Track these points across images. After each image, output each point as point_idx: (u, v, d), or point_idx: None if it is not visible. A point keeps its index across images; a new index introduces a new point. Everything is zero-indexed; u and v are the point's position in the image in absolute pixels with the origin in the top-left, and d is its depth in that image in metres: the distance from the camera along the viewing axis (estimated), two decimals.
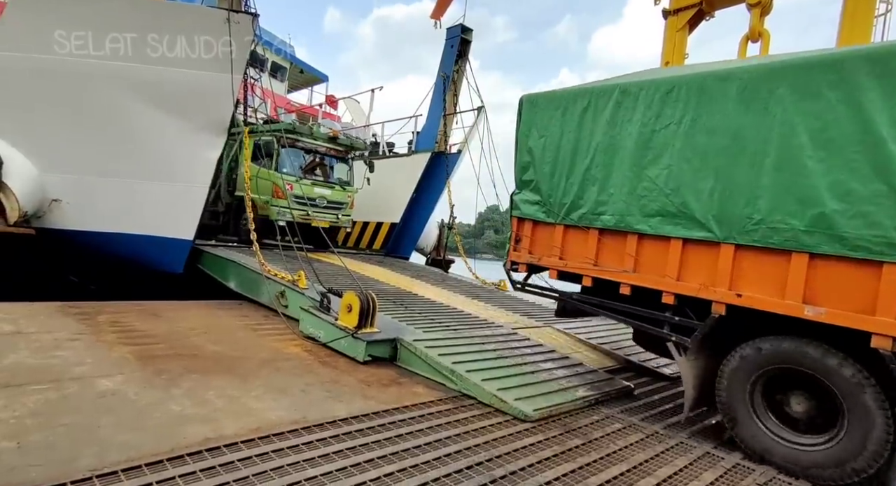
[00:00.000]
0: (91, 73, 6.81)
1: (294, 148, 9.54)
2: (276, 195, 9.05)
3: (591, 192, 4.39)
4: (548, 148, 4.84)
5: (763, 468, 3.37)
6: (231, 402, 3.39)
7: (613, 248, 4.24)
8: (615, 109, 4.30)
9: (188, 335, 4.86)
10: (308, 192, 9.41)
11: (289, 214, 8.66)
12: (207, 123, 7.25)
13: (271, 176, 9.12)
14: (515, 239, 5.07)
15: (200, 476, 2.43)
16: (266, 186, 9.06)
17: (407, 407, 3.74)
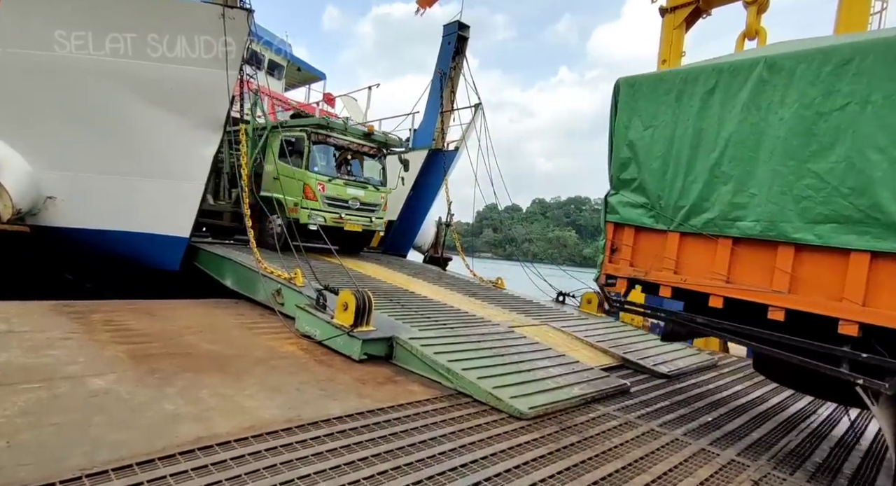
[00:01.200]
0: (85, 70, 6.76)
1: (325, 144, 8.86)
2: (306, 196, 8.45)
3: (722, 192, 3.61)
4: (657, 141, 4.08)
5: (757, 465, 3.37)
6: (225, 401, 3.37)
7: (756, 261, 3.43)
8: (758, 89, 3.45)
9: (183, 334, 4.83)
10: (340, 193, 8.82)
11: (320, 216, 8.41)
12: (203, 119, 7.20)
13: (301, 175, 8.51)
14: (611, 248, 4.39)
15: (192, 475, 2.41)
16: (295, 187, 8.48)
17: (402, 405, 3.73)
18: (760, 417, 4.51)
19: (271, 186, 8.82)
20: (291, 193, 8.43)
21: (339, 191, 8.81)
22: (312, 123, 8.94)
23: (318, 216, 8.43)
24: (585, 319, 7.64)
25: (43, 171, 7.20)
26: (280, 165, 8.62)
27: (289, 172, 8.54)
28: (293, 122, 9.16)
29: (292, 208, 8.42)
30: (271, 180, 8.83)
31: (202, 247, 7.98)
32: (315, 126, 8.83)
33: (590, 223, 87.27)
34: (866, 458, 3.79)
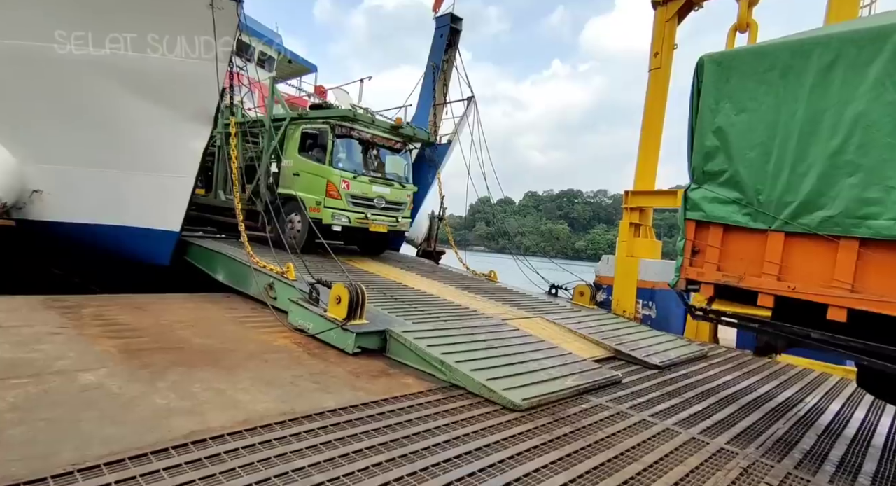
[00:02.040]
0: (71, 61, 6.62)
1: (348, 138, 8.16)
2: (329, 194, 7.82)
3: (847, 185, 3.08)
4: (754, 126, 3.57)
5: (746, 452, 3.43)
6: (218, 395, 3.35)
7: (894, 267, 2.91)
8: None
9: (174, 328, 4.79)
10: (366, 190, 8.18)
11: (344, 216, 7.85)
12: (192, 112, 7.10)
13: (324, 172, 7.90)
14: (692, 250, 3.89)
15: (186, 469, 2.40)
16: (317, 184, 7.90)
17: (396, 398, 3.74)
18: (749, 406, 4.58)
19: (291, 183, 8.30)
20: (313, 190, 7.91)
21: (364, 189, 8.15)
22: (336, 115, 8.25)
23: (342, 216, 7.82)
24: (578, 311, 7.70)
25: (28, 164, 7.07)
26: (300, 160, 8.14)
27: (310, 168, 8.03)
28: (315, 113, 8.51)
29: (314, 207, 7.83)
30: (290, 176, 8.32)
31: (193, 241, 7.91)
32: (339, 118, 8.17)
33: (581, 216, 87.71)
34: (852, 445, 3.87)
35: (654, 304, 8.84)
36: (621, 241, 9.47)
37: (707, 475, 3.03)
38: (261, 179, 8.51)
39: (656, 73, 9.21)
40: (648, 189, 9.29)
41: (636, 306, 8.90)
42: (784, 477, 3.13)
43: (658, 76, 9.21)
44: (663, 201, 9.26)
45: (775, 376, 5.91)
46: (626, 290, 8.92)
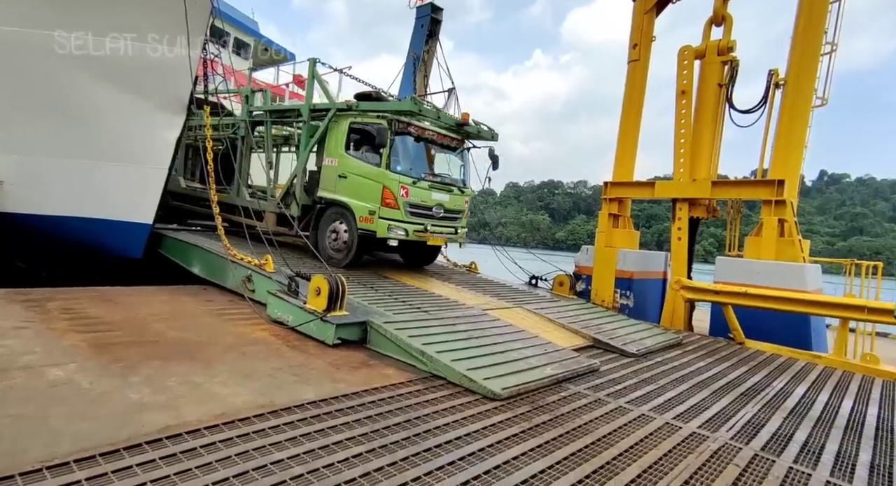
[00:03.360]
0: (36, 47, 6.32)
1: (405, 135, 6.89)
2: (385, 203, 6.64)
3: None
4: None
5: (716, 436, 3.54)
6: (194, 388, 3.29)
7: None
8: None
9: (148, 322, 4.68)
10: (425, 198, 6.98)
11: (402, 229, 6.67)
12: (164, 101, 6.89)
13: (379, 176, 6.70)
14: None
15: (160, 464, 2.36)
16: (370, 190, 6.72)
17: (377, 389, 3.74)
18: (720, 391, 4.73)
19: (334, 186, 7.09)
20: (364, 196, 6.76)
21: (423, 196, 6.95)
22: (397, 109, 6.95)
23: (399, 229, 6.63)
24: (557, 301, 7.80)
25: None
26: (348, 159, 6.96)
27: (361, 171, 6.86)
28: (368, 105, 7.16)
29: (366, 217, 6.67)
30: (334, 179, 7.09)
31: (167, 234, 7.71)
32: (396, 112, 6.91)
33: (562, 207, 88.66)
34: (816, 426, 4.04)
35: (632, 293, 9.03)
36: (600, 231, 9.62)
37: (679, 458, 3.13)
38: (297, 178, 7.54)
39: (635, 64, 9.31)
40: (627, 180, 9.43)
41: (614, 295, 9.07)
42: (751, 458, 3.24)
43: (637, 68, 9.31)
44: (641, 192, 9.42)
45: (745, 361, 6.11)
46: (605, 280, 9.07)
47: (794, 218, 7.77)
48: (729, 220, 10.34)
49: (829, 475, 3.15)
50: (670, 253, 9.02)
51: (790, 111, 7.83)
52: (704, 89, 8.63)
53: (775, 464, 3.21)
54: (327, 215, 7.26)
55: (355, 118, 7.12)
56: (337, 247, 7.09)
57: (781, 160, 7.92)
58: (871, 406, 4.78)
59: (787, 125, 7.85)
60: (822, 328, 8.03)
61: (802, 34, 7.69)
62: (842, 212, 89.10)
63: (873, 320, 6.43)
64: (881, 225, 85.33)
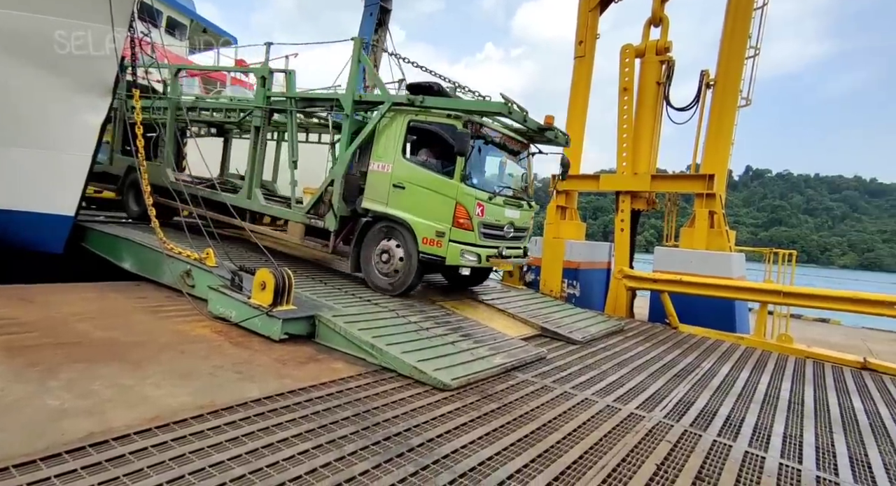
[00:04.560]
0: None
1: (478, 139, 5.70)
2: (457, 223, 5.54)
3: None
4: None
5: (651, 415, 3.77)
6: (123, 391, 3.08)
7: None
8: None
9: (70, 321, 4.31)
10: (499, 216, 5.94)
11: (474, 255, 5.60)
12: (86, 81, 6.31)
13: (451, 189, 5.54)
14: None
15: (82, 474, 2.19)
16: (438, 206, 5.59)
17: (325, 384, 3.66)
18: (657, 373, 5.04)
19: (386, 198, 5.90)
20: (429, 213, 5.64)
21: (497, 214, 5.91)
22: (482, 109, 5.78)
23: (472, 254, 5.59)
24: (507, 291, 7.97)
25: None
26: (406, 166, 5.81)
27: (425, 181, 5.69)
28: (435, 101, 5.80)
29: (431, 239, 5.57)
30: (385, 188, 5.90)
31: (93, 227, 7.13)
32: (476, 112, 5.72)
33: None
34: (738, 401, 4.40)
35: (579, 283, 9.39)
36: (548, 223, 9.90)
37: (618, 438, 3.30)
38: (333, 184, 6.27)
39: (581, 60, 9.60)
40: (574, 173, 9.75)
41: (562, 285, 9.40)
42: (681, 434, 3.49)
43: (582, 64, 9.60)
44: (587, 185, 9.78)
45: (679, 344, 6.54)
46: (553, 270, 9.37)
47: (723, 210, 8.37)
48: (666, 212, 10.97)
49: (748, 445, 3.45)
50: (614, 244, 9.46)
51: (719, 110, 8.39)
52: (644, 87, 9.05)
53: (701, 438, 3.46)
54: (375, 232, 6.04)
55: (416, 116, 5.89)
56: (387, 271, 5.94)
57: (711, 156, 8.49)
58: (784, 381, 5.26)
59: (717, 123, 8.41)
60: (745, 312, 8.73)
61: (729, 38, 8.25)
62: (764, 204, 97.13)
63: (788, 303, 7.07)
64: (797, 216, 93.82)
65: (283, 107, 7.16)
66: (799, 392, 4.92)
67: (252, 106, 7.55)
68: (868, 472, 3.29)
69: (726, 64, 8.28)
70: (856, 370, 6.12)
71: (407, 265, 5.81)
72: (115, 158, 9.13)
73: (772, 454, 3.35)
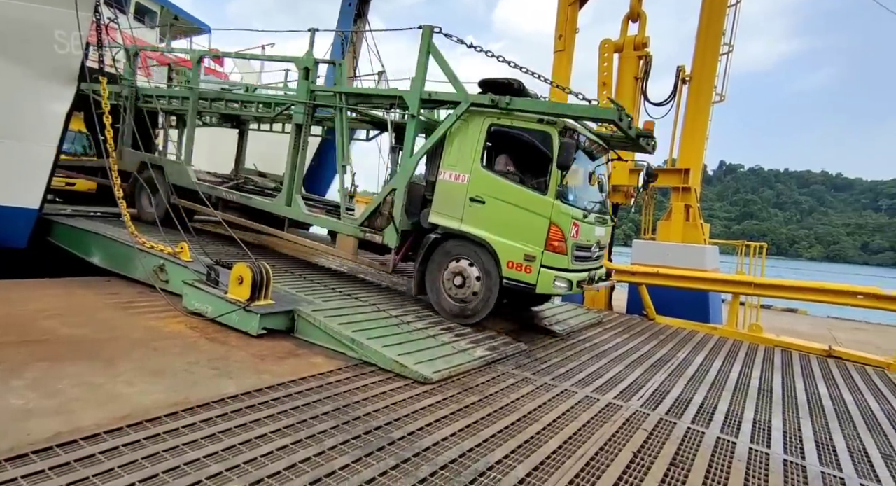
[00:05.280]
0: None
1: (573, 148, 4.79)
2: (551, 246, 4.89)
3: None
4: None
5: (629, 404, 3.85)
6: (92, 390, 2.98)
7: None
8: None
9: (35, 318, 4.14)
10: (588, 236, 5.34)
11: (566, 281, 4.94)
12: (49, 69, 6.03)
13: (543, 207, 4.90)
14: None
15: (50, 475, 2.11)
16: (526, 225, 4.95)
17: (304, 379, 3.61)
18: (634, 363, 5.14)
19: (460, 212, 5.22)
20: (515, 233, 4.99)
21: (588, 233, 5.30)
22: (586, 114, 5.06)
23: (564, 281, 4.93)
24: None
25: None
26: (489, 178, 5.13)
27: (513, 197, 5.02)
28: (527, 103, 5.10)
29: (519, 263, 4.94)
30: (460, 202, 5.23)
31: (59, 220, 6.86)
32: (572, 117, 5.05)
33: None
34: (711, 390, 4.53)
35: None
36: None
37: (596, 427, 3.36)
38: (395, 194, 5.58)
39: (560, 55, 9.64)
40: None
41: None
42: (657, 422, 3.57)
43: (562, 58, 9.65)
44: None
45: (656, 335, 6.69)
46: None
47: (698, 204, 8.56)
48: (644, 205, 11.17)
49: (720, 431, 3.56)
50: None
51: (694, 105, 8.56)
52: (623, 82, 9.16)
53: (676, 425, 3.55)
54: (444, 250, 5.35)
55: (498, 120, 5.17)
56: (462, 296, 5.23)
57: (687, 151, 8.67)
58: (754, 369, 5.44)
59: (692, 118, 8.59)
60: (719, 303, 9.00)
61: (704, 35, 8.41)
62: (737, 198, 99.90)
63: (759, 294, 7.30)
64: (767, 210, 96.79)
65: (330, 103, 6.36)
66: (768, 380, 5.10)
67: (293, 100, 6.72)
68: (833, 455, 3.43)
69: (701, 60, 8.45)
70: (821, 358, 6.37)
71: (485, 289, 5.12)
72: (125, 153, 8.31)
73: (742, 439, 3.46)
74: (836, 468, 3.22)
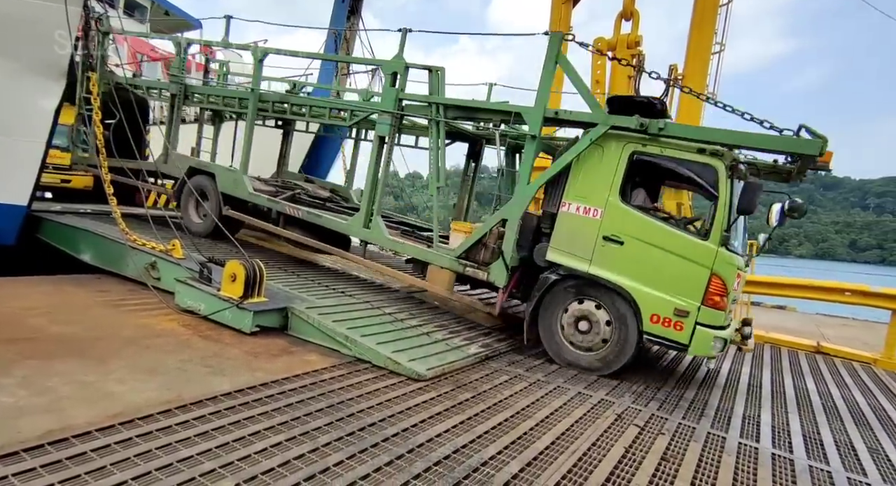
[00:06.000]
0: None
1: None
2: (709, 300, 4.14)
3: None
4: None
5: (621, 401, 3.89)
6: (83, 388, 2.95)
7: None
8: None
9: (24, 316, 4.09)
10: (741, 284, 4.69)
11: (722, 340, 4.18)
12: (38, 64, 5.95)
13: (704, 255, 4.16)
14: None
15: (42, 472, 2.09)
16: (680, 275, 4.21)
17: (298, 376, 3.61)
18: None
19: (590, 252, 4.51)
20: (663, 283, 4.26)
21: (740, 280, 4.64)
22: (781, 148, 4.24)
23: (720, 341, 4.19)
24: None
25: None
26: (633, 215, 4.41)
27: (666, 241, 4.28)
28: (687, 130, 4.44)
29: (667, 318, 4.21)
30: (590, 240, 4.52)
31: (49, 217, 6.77)
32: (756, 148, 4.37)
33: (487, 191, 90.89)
34: (701, 387, 4.59)
35: None
36: None
37: (588, 423, 3.39)
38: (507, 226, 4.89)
39: None
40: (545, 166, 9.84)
41: None
42: (649, 418, 3.61)
43: None
44: None
45: None
46: None
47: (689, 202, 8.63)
48: None
49: (710, 427, 3.61)
50: None
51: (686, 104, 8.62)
52: (616, 80, 9.19)
53: (667, 421, 3.60)
54: (562, 291, 4.65)
55: (644, 147, 4.43)
56: (590, 344, 4.55)
57: None
58: (744, 366, 5.52)
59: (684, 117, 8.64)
60: None
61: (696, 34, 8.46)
62: None
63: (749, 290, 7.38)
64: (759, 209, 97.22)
65: (422, 113, 5.62)
66: (757, 376, 5.17)
67: (375, 108, 6.00)
68: (820, 448, 3.49)
69: (693, 59, 8.51)
70: (810, 354, 6.47)
71: (620, 335, 4.39)
72: (172, 156, 7.61)
73: (732, 434, 3.51)
74: (824, 462, 3.28)
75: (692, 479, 2.79)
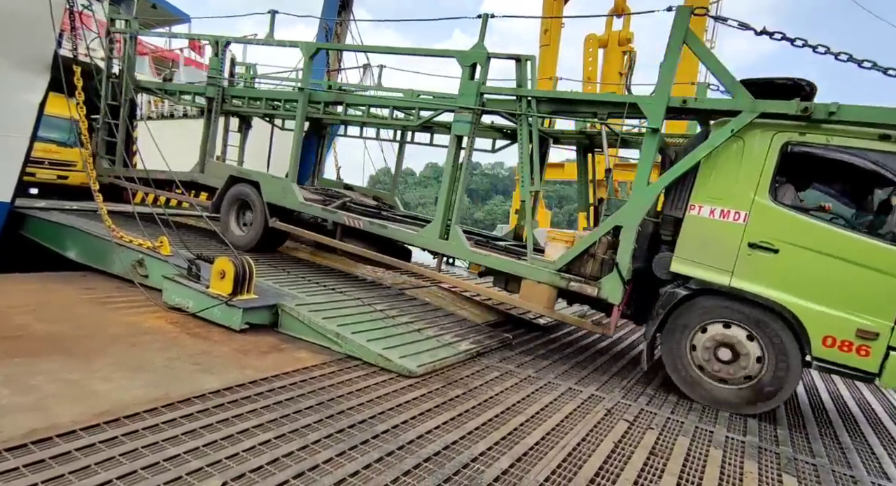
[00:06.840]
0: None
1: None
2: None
3: None
4: None
5: (611, 396, 3.92)
6: (68, 386, 2.91)
7: None
8: None
9: (7, 314, 4.02)
10: None
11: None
12: (21, 57, 5.83)
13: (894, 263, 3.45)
14: None
15: (24, 472, 2.06)
16: (863, 288, 3.52)
17: (288, 373, 3.59)
18: (616, 355, 5.23)
19: (723, 260, 3.89)
20: (834, 298, 3.58)
21: None
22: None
23: None
24: (473, 278, 8.02)
25: None
26: (794, 219, 3.71)
27: (839, 247, 3.57)
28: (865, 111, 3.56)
29: (846, 342, 3.53)
30: (731, 247, 3.86)
31: (33, 214, 6.65)
32: None
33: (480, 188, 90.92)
34: None
35: None
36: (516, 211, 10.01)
37: (578, 418, 3.41)
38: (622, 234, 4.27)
39: (546, 49, 9.67)
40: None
41: None
42: (638, 413, 3.64)
43: (547, 53, 9.68)
44: (552, 173, 9.94)
45: (638, 328, 6.79)
46: None
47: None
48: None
49: (699, 421, 3.64)
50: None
51: None
52: (607, 77, 9.23)
53: (656, 416, 3.63)
54: (692, 311, 3.99)
55: (802, 136, 3.72)
56: (732, 376, 3.84)
57: None
58: None
59: None
60: None
61: None
62: None
63: None
64: None
65: (509, 109, 5.04)
66: None
67: (451, 104, 5.37)
68: (806, 442, 3.55)
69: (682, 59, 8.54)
70: None
71: (778, 370, 3.69)
72: (210, 165, 7.19)
73: (719, 428, 3.55)
74: (809, 455, 3.32)
75: (680, 472, 2.82)
